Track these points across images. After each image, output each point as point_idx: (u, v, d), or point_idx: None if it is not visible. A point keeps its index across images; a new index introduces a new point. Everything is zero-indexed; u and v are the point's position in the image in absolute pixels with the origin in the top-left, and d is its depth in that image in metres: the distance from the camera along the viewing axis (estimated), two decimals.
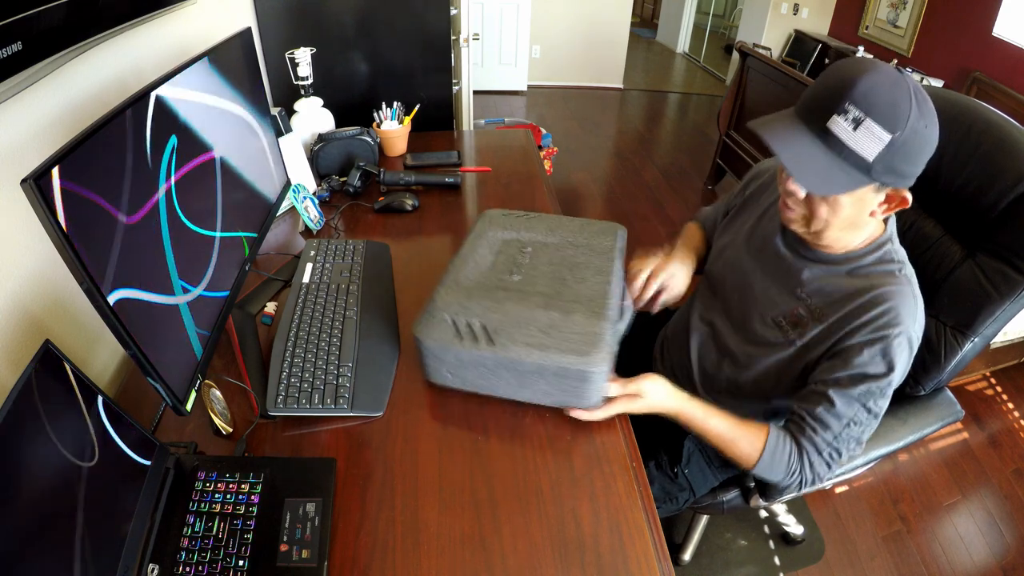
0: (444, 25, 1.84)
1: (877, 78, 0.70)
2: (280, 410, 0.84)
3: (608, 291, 0.89)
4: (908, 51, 4.05)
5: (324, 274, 1.07)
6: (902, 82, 0.70)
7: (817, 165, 0.73)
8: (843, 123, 0.71)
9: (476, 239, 1.00)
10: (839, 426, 0.81)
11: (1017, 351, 2.09)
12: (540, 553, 0.70)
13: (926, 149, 0.73)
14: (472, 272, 0.93)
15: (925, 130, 0.71)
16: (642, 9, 8.13)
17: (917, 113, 0.70)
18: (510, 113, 4.65)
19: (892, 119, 0.69)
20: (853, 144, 0.71)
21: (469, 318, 0.83)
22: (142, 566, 0.64)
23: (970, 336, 0.96)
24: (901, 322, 0.78)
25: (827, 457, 0.84)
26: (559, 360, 0.78)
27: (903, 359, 0.79)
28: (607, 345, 0.80)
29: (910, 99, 0.70)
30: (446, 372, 0.85)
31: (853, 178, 0.73)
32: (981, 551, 1.62)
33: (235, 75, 1.02)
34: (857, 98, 0.70)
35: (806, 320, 0.86)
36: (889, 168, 0.72)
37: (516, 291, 0.89)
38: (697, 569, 1.53)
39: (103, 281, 0.59)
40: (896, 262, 0.83)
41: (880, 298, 0.79)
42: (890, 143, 0.70)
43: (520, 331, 0.81)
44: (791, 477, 0.85)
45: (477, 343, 0.81)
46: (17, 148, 0.75)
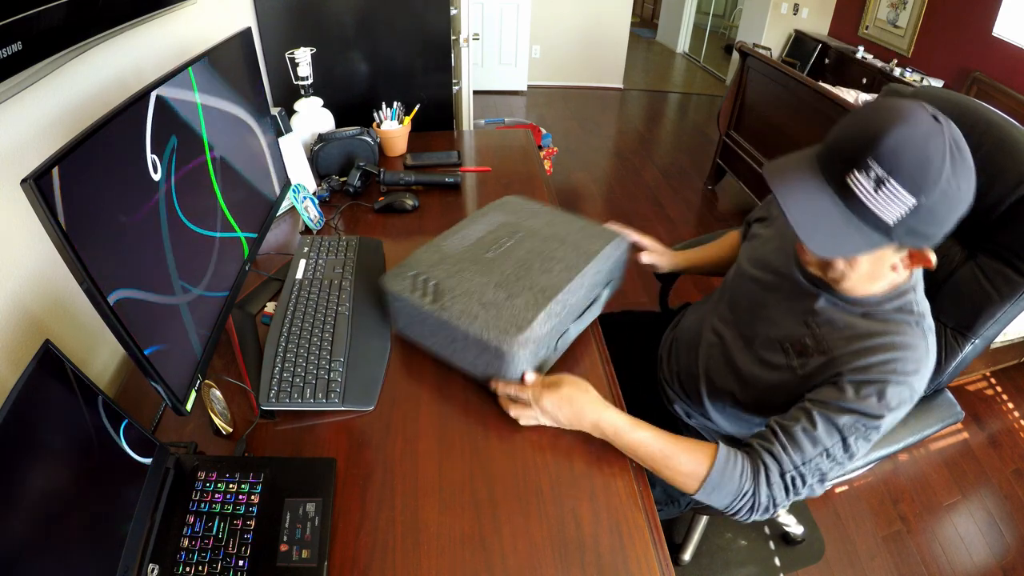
0: (444, 25, 1.84)
1: (908, 132, 0.62)
2: (273, 404, 0.84)
3: (565, 287, 0.89)
4: (908, 51, 4.05)
5: (317, 270, 1.08)
6: (937, 136, 0.62)
7: (830, 224, 0.67)
8: (864, 181, 0.64)
9: (479, 216, 1.07)
10: (812, 452, 0.74)
11: (1017, 351, 2.09)
12: (540, 553, 0.70)
13: (957, 210, 0.66)
14: (456, 243, 0.99)
15: (958, 191, 0.63)
16: (642, 9, 8.13)
17: (950, 172, 0.62)
18: (510, 113, 4.65)
19: (920, 181, 0.62)
20: (873, 205, 0.64)
21: (428, 276, 0.91)
22: (142, 566, 0.64)
23: (971, 337, 0.96)
24: (907, 372, 0.73)
25: (788, 481, 0.75)
26: (480, 333, 0.81)
27: (899, 408, 0.73)
28: (532, 332, 0.81)
29: (944, 156, 0.62)
30: (401, 322, 0.95)
31: (870, 239, 0.67)
32: (981, 551, 1.62)
33: (235, 75, 1.02)
34: (882, 154, 0.62)
35: (811, 351, 0.81)
36: (911, 231, 0.65)
37: (481, 266, 0.93)
38: (697, 569, 1.53)
39: (103, 281, 0.59)
40: (916, 313, 0.77)
41: (891, 345, 0.74)
42: (915, 208, 0.63)
43: (463, 300, 0.86)
44: (740, 500, 0.76)
45: (423, 300, 0.88)
46: (17, 148, 0.75)
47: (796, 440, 0.75)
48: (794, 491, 0.76)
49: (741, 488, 0.76)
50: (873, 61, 4.18)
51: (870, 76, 4.04)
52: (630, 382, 1.04)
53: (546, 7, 4.86)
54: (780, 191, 0.70)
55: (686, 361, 1.08)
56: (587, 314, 1.00)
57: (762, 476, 0.76)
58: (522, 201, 1.14)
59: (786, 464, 0.75)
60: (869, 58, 4.25)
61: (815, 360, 0.80)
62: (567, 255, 0.96)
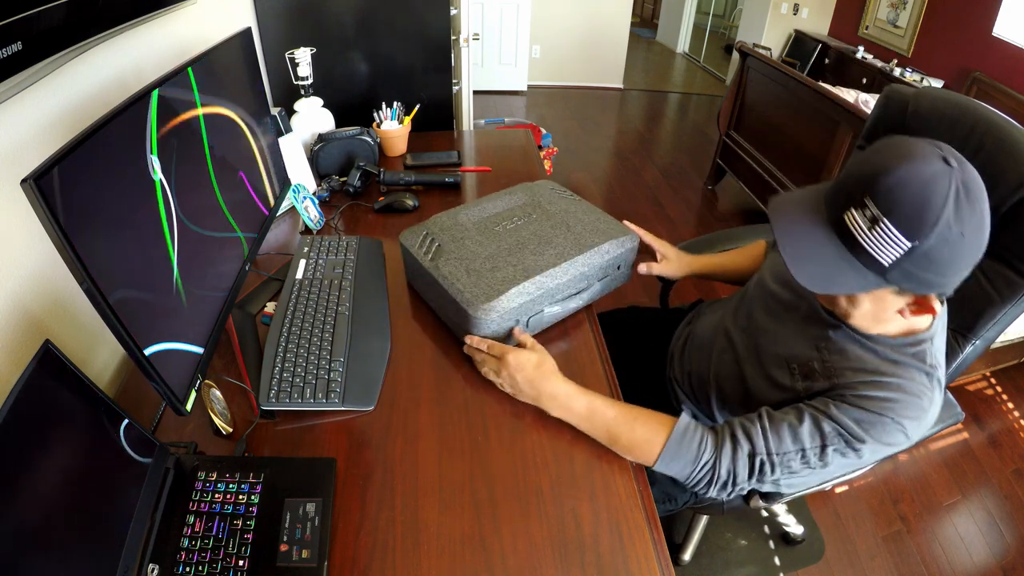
0: (444, 25, 1.84)
1: (910, 171, 0.60)
2: (273, 404, 0.84)
3: (547, 270, 0.93)
4: (908, 51, 4.05)
5: (317, 270, 1.08)
6: (942, 178, 0.60)
7: (823, 259, 0.66)
8: (859, 219, 0.63)
9: (505, 193, 1.14)
10: (790, 446, 0.74)
11: (1017, 351, 2.09)
12: (540, 553, 0.70)
13: (961, 260, 0.62)
14: (474, 213, 1.08)
15: (960, 239, 0.60)
16: (642, 9, 8.13)
17: (952, 219, 0.59)
18: (510, 113, 4.65)
19: (915, 224, 0.60)
20: (867, 245, 0.63)
21: (435, 238, 1.01)
22: (142, 566, 0.64)
23: (971, 339, 0.96)
24: (906, 416, 0.71)
25: (756, 464, 0.75)
26: (456, 294, 0.91)
27: (887, 445, 0.73)
28: (499, 303, 0.88)
29: (946, 200, 0.59)
30: (410, 274, 1.07)
31: (865, 279, 0.65)
32: (981, 551, 1.62)
33: (235, 75, 1.02)
34: (879, 193, 0.61)
35: (817, 375, 0.80)
36: (908, 276, 0.63)
37: (485, 238, 1.01)
38: (697, 569, 1.53)
39: (103, 281, 0.59)
40: (929, 364, 0.74)
41: (898, 387, 0.72)
42: (910, 250, 0.61)
43: (454, 263, 0.95)
44: (699, 471, 0.77)
45: (424, 256, 0.98)
46: (17, 148, 0.75)
47: (779, 430, 0.75)
48: (759, 476, 0.76)
49: (699, 458, 0.77)
50: (873, 61, 4.18)
51: (870, 76, 4.04)
52: (633, 381, 1.04)
53: (546, 7, 4.86)
54: (777, 223, 0.70)
55: (698, 363, 1.07)
56: (569, 302, 1.01)
57: (727, 449, 0.76)
58: (552, 186, 1.17)
59: (759, 447, 0.75)
60: (869, 58, 4.25)
61: (820, 384, 0.79)
62: (564, 242, 1.00)
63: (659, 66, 6.37)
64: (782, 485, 0.78)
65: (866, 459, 0.75)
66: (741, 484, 0.78)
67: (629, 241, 1.05)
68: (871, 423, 0.72)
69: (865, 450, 0.73)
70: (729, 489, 0.78)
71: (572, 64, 5.22)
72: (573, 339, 1.02)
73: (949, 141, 0.96)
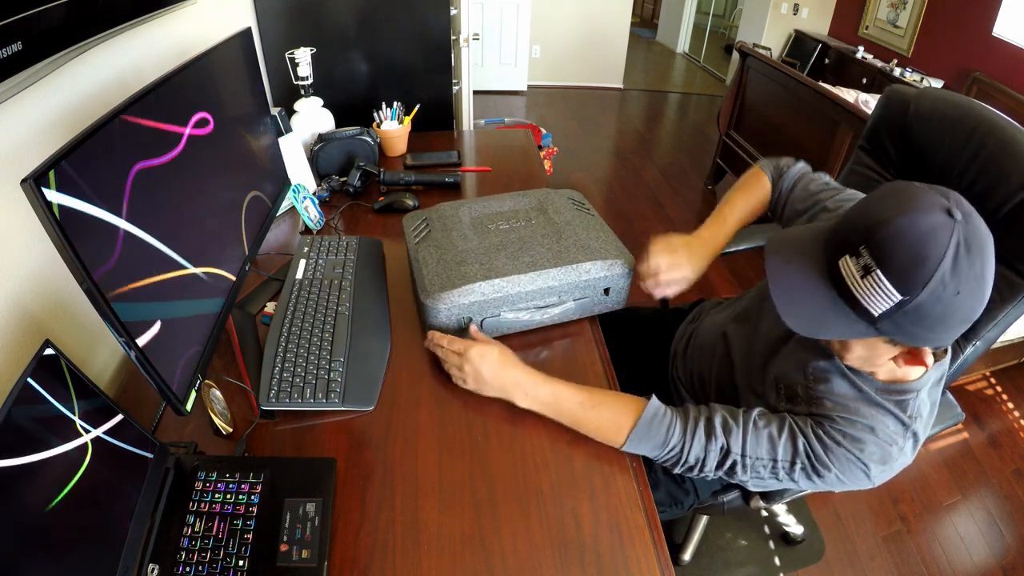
0: (444, 25, 1.84)
1: (910, 223, 0.58)
2: (273, 404, 0.84)
3: (511, 276, 0.93)
4: (908, 51, 4.05)
5: (317, 270, 1.08)
6: (942, 232, 0.57)
7: (813, 304, 0.66)
8: (852, 267, 0.62)
9: (519, 195, 1.15)
10: (764, 454, 0.76)
11: (1017, 351, 2.09)
12: (540, 553, 0.70)
13: (953, 318, 0.60)
14: (477, 209, 1.10)
15: (955, 298, 0.58)
16: (642, 9, 8.12)
17: (948, 277, 0.57)
18: (510, 113, 4.65)
19: (908, 278, 0.58)
20: (858, 293, 0.62)
21: (430, 225, 1.06)
22: (142, 566, 0.64)
23: (972, 339, 0.96)
24: (873, 460, 0.72)
25: (728, 462, 0.77)
26: (419, 279, 0.95)
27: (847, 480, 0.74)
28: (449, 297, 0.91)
29: (943, 256, 0.57)
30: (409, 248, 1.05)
31: (853, 327, 0.65)
32: (981, 551, 1.62)
33: (235, 75, 1.02)
34: (875, 242, 0.60)
35: (799, 400, 0.80)
36: (899, 328, 0.62)
37: (474, 233, 1.03)
38: (697, 569, 1.53)
39: (103, 281, 0.59)
40: (909, 416, 0.73)
41: (871, 430, 0.73)
42: (899, 303, 0.59)
43: (431, 250, 1.00)
44: (667, 453, 0.79)
45: (413, 239, 1.04)
46: (17, 148, 0.75)
47: (759, 436, 0.77)
48: (727, 471, 0.78)
49: (667, 442, 0.79)
50: (873, 61, 4.18)
51: (870, 76, 4.04)
52: (634, 380, 1.04)
53: (546, 7, 4.86)
54: (771, 265, 0.69)
55: (700, 364, 1.07)
56: (535, 313, 0.97)
57: (700, 436, 0.78)
58: (573, 199, 1.15)
59: (735, 447, 0.77)
60: (869, 58, 4.25)
61: (800, 408, 0.80)
62: (544, 252, 0.98)
63: (659, 66, 6.37)
64: (747, 484, 0.80)
65: (826, 486, 0.76)
66: (708, 472, 0.79)
67: (620, 266, 0.98)
68: (837, 456, 0.73)
69: (827, 478, 0.74)
70: (695, 472, 0.81)
71: (572, 64, 5.22)
72: (573, 339, 1.02)
73: (950, 142, 0.98)
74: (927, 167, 1.02)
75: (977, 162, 0.93)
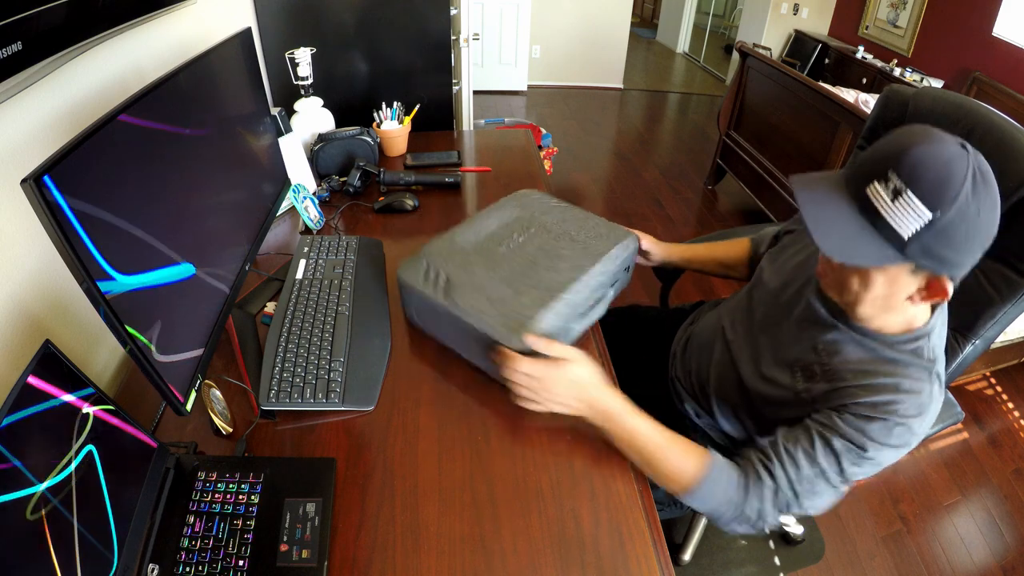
0: (444, 25, 1.84)
1: (932, 149, 0.63)
2: (273, 404, 0.84)
3: (570, 286, 0.90)
4: (908, 51, 4.05)
5: (317, 270, 1.08)
6: (961, 159, 0.63)
7: (845, 231, 0.67)
8: (882, 191, 0.65)
9: (494, 210, 1.09)
10: (808, 470, 0.75)
11: (1017, 351, 2.09)
12: (540, 553, 0.70)
13: (976, 238, 0.65)
14: (470, 236, 1.01)
15: (977, 217, 0.63)
16: (642, 9, 8.12)
17: (970, 195, 0.62)
18: (510, 113, 4.65)
19: (937, 196, 0.62)
20: (889, 216, 0.64)
21: (440, 269, 0.93)
22: (142, 566, 0.64)
23: (971, 338, 0.96)
24: (909, 415, 0.72)
25: (780, 499, 0.76)
26: (486, 329, 0.84)
27: (897, 447, 0.73)
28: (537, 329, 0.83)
29: (965, 177, 0.62)
30: (412, 311, 0.98)
31: (883, 253, 0.66)
32: (981, 551, 1.62)
33: (235, 75, 1.02)
34: (903, 167, 0.63)
35: (816, 377, 0.81)
36: (927, 251, 0.65)
37: (491, 261, 0.95)
38: (697, 569, 1.53)
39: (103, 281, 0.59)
40: (927, 359, 0.75)
41: (897, 387, 0.73)
42: (930, 222, 0.63)
43: (471, 294, 0.89)
44: (727, 510, 0.77)
45: (435, 291, 0.90)
46: (17, 148, 0.75)
47: (794, 458, 0.75)
48: (786, 510, 0.76)
49: (728, 498, 0.76)
50: (873, 61, 4.18)
51: (870, 76, 4.04)
52: (634, 379, 1.04)
53: (546, 7, 4.85)
54: (801, 195, 0.71)
55: (698, 363, 1.07)
56: (592, 313, 1.00)
57: (753, 490, 0.76)
58: (539, 196, 1.15)
59: (781, 482, 0.75)
60: (869, 58, 4.25)
61: (820, 386, 0.80)
62: (575, 254, 0.97)
63: (659, 66, 6.37)
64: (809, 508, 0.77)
65: (883, 463, 0.75)
66: (770, 520, 0.77)
67: (632, 242, 1.05)
68: (876, 430, 0.72)
69: (877, 457, 0.73)
70: (756, 527, 0.78)
71: (572, 64, 5.22)
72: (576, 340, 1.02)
73: None
74: None
75: None
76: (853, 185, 0.69)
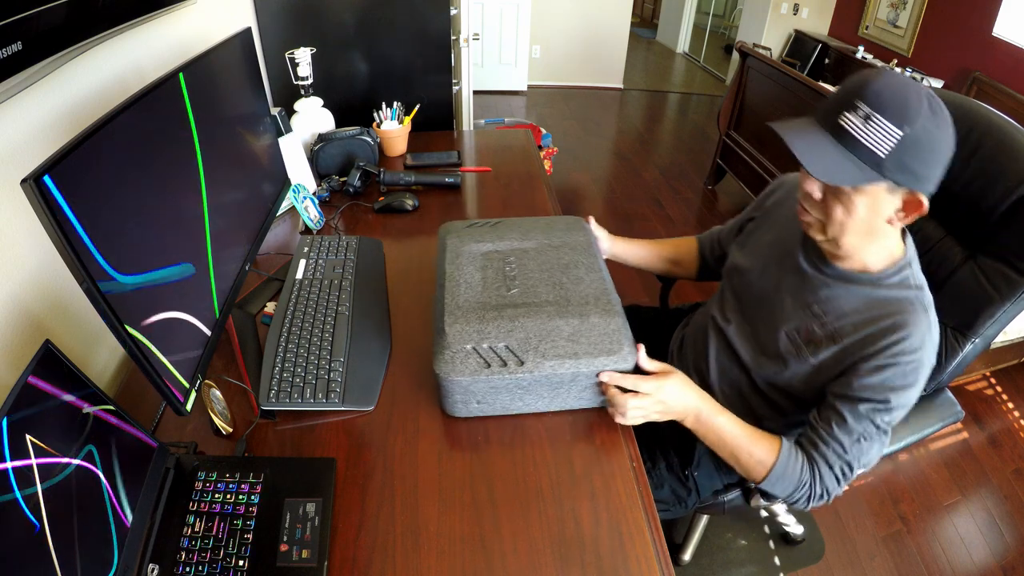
0: (444, 25, 1.84)
1: (890, 79, 0.72)
2: (273, 404, 0.84)
3: (607, 287, 0.91)
4: (908, 51, 4.05)
5: (317, 270, 1.08)
6: (915, 85, 0.72)
7: (829, 157, 0.74)
8: (854, 119, 0.72)
9: (455, 259, 0.96)
10: (849, 441, 0.81)
11: (1017, 351, 2.09)
12: (540, 553, 0.70)
13: (940, 151, 0.73)
14: (468, 294, 0.89)
15: (937, 131, 0.71)
16: (642, 9, 8.12)
17: (929, 113, 0.70)
18: (510, 113, 4.65)
19: (902, 115, 0.70)
20: (864, 139, 0.72)
21: (491, 343, 0.82)
22: (142, 566, 0.64)
23: (971, 337, 0.96)
24: (916, 349, 0.78)
25: (838, 472, 0.83)
26: (594, 364, 0.81)
27: (916, 383, 0.80)
28: (629, 338, 0.84)
29: (921, 99, 0.70)
30: (475, 403, 0.84)
31: (865, 173, 0.73)
32: (981, 551, 1.62)
33: (235, 75, 1.02)
34: (868, 96, 0.71)
35: (820, 339, 0.86)
36: (901, 165, 0.72)
37: (523, 305, 0.87)
38: (697, 569, 1.52)
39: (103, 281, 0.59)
40: (914, 287, 0.82)
41: (895, 326, 0.79)
42: (902, 139, 0.70)
43: (547, 344, 0.82)
44: (800, 490, 0.84)
45: (507, 366, 0.80)
46: (17, 148, 0.75)
47: (834, 436, 0.82)
48: (845, 480, 0.84)
49: (802, 480, 0.83)
50: (873, 61, 4.18)
51: None
52: None
53: (546, 7, 4.85)
54: (786, 134, 0.77)
55: (695, 357, 1.09)
56: None
57: (816, 471, 0.83)
58: (465, 225, 1.05)
59: (831, 458, 0.83)
60: (869, 58, 4.25)
61: (826, 349, 0.85)
62: (574, 257, 0.97)
63: (659, 66, 6.37)
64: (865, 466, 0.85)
65: (910, 402, 0.81)
66: (834, 492, 0.84)
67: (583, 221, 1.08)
68: (891, 378, 0.79)
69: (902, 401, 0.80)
70: (826, 500, 0.85)
71: (572, 64, 5.22)
72: None
73: None
74: None
75: (974, 160, 0.93)
76: (827, 120, 0.76)
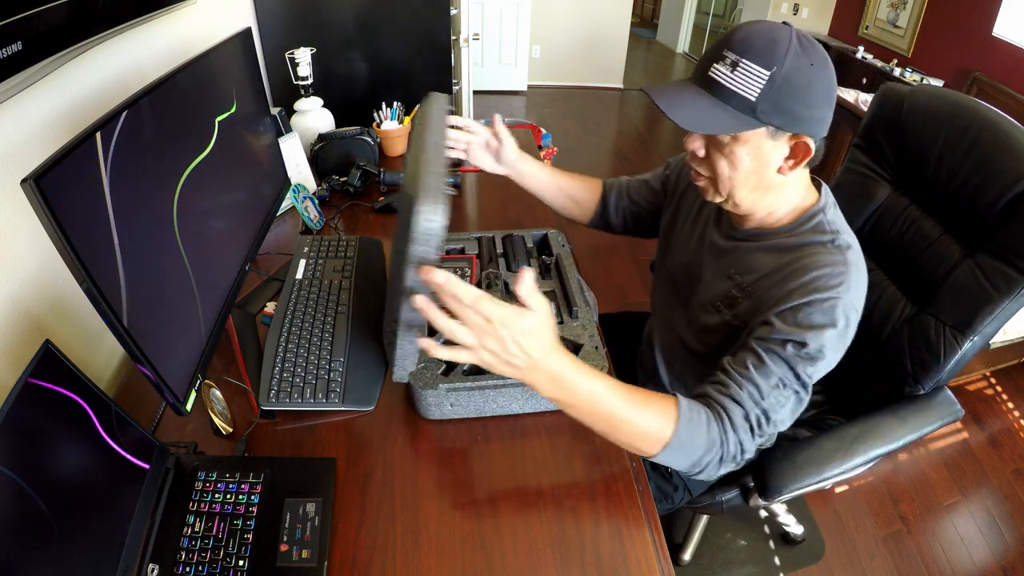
0: (444, 25, 1.84)
1: (755, 25, 0.72)
2: (273, 404, 0.84)
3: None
4: (908, 51, 4.05)
5: (317, 270, 1.08)
6: (783, 27, 0.72)
7: (698, 108, 0.74)
8: (722, 68, 0.72)
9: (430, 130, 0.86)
10: (767, 385, 0.72)
11: (1017, 351, 2.09)
12: (540, 553, 0.70)
13: (816, 88, 0.71)
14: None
15: (810, 68, 0.70)
16: (642, 9, 8.12)
17: (798, 51, 0.70)
18: (510, 113, 4.65)
19: (769, 56, 0.69)
20: (733, 85, 0.71)
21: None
22: (142, 566, 0.64)
23: (969, 335, 0.96)
24: (832, 287, 0.72)
25: (753, 421, 0.71)
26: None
27: (835, 324, 0.72)
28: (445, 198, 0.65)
29: (790, 39, 0.70)
30: (448, 405, 0.83)
31: (739, 120, 0.72)
32: (981, 551, 1.62)
33: (235, 75, 1.02)
34: (734, 44, 0.71)
35: (738, 298, 0.83)
36: (776, 107, 0.70)
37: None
38: (697, 569, 1.53)
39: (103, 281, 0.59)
40: (830, 232, 0.79)
41: (804, 267, 0.75)
42: (770, 79, 0.69)
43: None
44: (710, 453, 0.70)
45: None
46: (17, 148, 0.75)
47: (750, 377, 0.72)
48: (759, 432, 0.72)
49: (710, 439, 0.70)
50: (873, 61, 4.17)
51: (870, 76, 4.03)
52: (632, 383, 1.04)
53: (546, 7, 4.85)
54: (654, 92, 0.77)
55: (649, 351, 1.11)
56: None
57: (726, 422, 0.71)
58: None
59: (747, 403, 0.72)
60: (869, 58, 4.24)
61: (743, 305, 0.83)
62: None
63: (659, 66, 6.37)
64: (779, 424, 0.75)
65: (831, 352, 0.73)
66: (748, 450, 0.73)
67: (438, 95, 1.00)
68: (808, 316, 0.72)
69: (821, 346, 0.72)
70: (738, 461, 0.73)
71: (572, 64, 5.22)
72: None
73: (945, 137, 0.98)
74: (922, 164, 1.02)
75: (972, 157, 0.93)
76: (697, 75, 0.76)
